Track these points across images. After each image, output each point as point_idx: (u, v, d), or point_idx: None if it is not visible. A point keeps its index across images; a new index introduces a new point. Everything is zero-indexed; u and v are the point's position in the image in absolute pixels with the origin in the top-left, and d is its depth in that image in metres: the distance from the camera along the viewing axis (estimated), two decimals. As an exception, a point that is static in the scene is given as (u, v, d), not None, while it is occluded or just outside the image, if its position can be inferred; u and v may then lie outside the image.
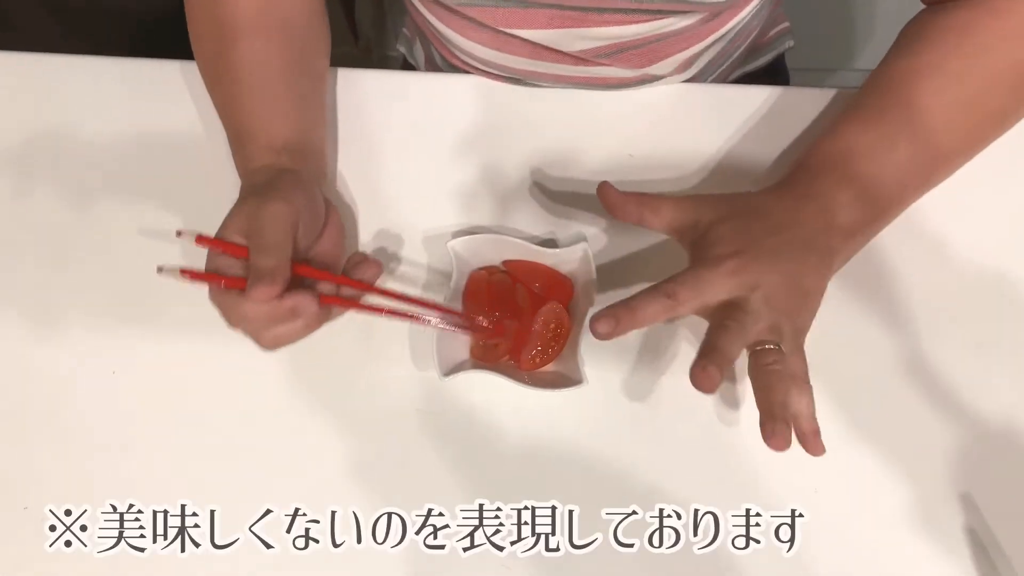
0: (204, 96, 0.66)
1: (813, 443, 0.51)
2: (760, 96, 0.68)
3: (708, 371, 0.47)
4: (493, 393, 0.59)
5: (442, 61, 0.79)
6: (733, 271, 0.51)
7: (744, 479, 0.58)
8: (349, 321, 0.58)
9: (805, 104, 0.67)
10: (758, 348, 0.51)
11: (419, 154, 0.67)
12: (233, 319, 0.53)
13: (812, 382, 0.58)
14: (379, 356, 0.61)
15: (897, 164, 0.57)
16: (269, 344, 0.54)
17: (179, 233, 0.59)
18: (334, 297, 0.55)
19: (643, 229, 0.57)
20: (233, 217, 0.54)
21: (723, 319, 0.50)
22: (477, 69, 0.73)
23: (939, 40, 0.60)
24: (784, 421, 0.49)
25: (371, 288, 0.57)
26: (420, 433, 0.59)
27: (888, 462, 0.58)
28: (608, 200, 0.57)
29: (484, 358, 0.59)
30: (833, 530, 0.57)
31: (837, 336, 0.60)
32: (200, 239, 0.54)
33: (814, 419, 0.51)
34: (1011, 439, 0.59)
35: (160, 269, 0.55)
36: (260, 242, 0.52)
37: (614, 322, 0.49)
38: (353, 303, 0.56)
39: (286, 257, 0.52)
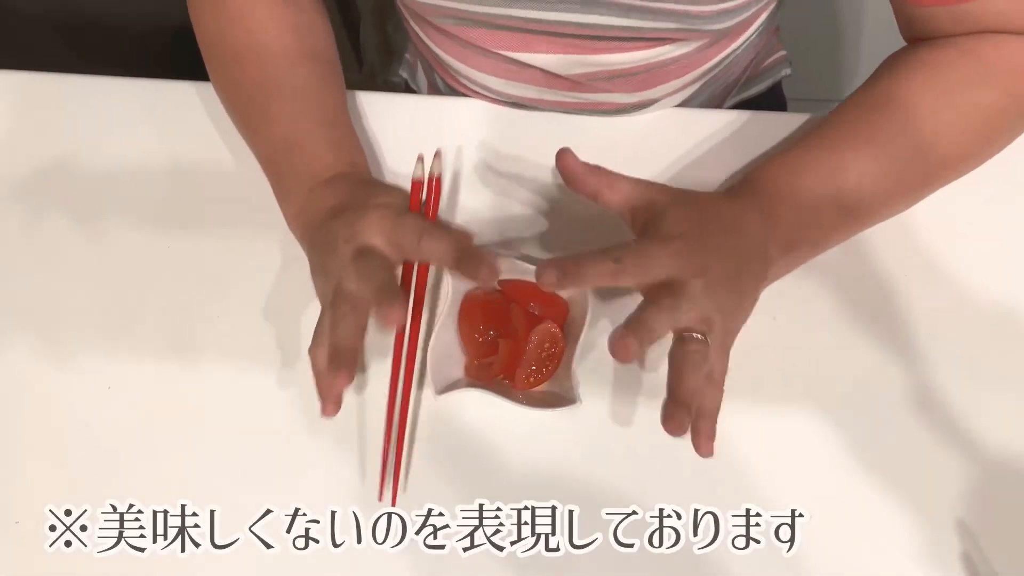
0: (203, 118, 0.67)
1: (705, 444, 0.51)
2: (754, 121, 0.69)
3: (627, 341, 0.47)
4: (489, 410, 0.59)
5: (444, 86, 0.80)
6: (679, 251, 0.51)
7: (744, 479, 0.58)
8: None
9: (798, 129, 0.68)
10: (684, 335, 0.50)
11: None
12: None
13: (814, 401, 0.59)
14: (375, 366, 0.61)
15: (844, 191, 0.58)
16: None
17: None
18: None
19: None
20: (372, 222, 0.53)
21: (658, 296, 0.50)
22: (478, 95, 0.74)
23: (910, 76, 0.60)
24: (687, 408, 0.49)
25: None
26: (420, 433, 0.59)
27: (885, 485, 0.58)
28: (567, 169, 0.55)
29: (479, 377, 0.59)
30: (833, 531, 0.57)
31: (840, 357, 0.61)
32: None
33: (714, 421, 0.51)
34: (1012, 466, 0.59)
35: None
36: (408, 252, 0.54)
37: (560, 272, 0.49)
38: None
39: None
